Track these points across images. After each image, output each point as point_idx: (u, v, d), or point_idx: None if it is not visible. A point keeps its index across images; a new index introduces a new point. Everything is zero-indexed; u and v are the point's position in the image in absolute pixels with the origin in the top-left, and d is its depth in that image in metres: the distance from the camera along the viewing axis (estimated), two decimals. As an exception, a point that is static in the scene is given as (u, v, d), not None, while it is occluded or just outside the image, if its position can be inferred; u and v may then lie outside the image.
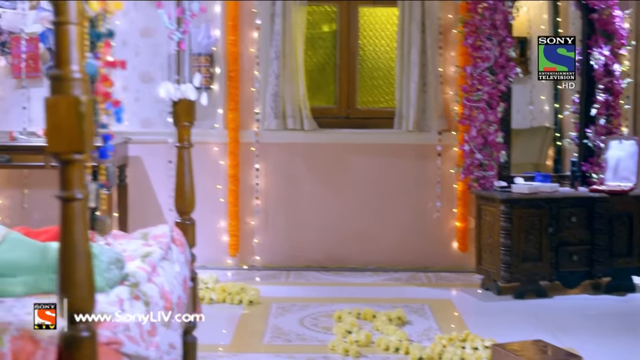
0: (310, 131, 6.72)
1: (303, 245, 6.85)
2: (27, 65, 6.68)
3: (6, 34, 6.71)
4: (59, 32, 2.10)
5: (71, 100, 2.06)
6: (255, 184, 6.77)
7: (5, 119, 6.78)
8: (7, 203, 6.90)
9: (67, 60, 2.09)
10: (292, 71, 6.63)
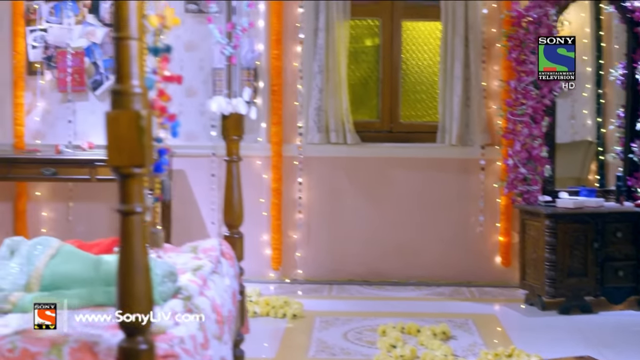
0: (353, 145, 6.73)
1: (345, 259, 6.85)
2: (73, 79, 6.75)
3: (52, 49, 6.78)
4: (120, 47, 2.13)
5: (132, 115, 2.09)
6: (297, 197, 6.78)
7: (51, 133, 6.85)
8: (53, 215, 6.96)
9: (127, 75, 2.12)
10: (335, 85, 6.65)
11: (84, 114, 6.84)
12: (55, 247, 3.10)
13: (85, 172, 6.19)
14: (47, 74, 6.84)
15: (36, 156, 6.31)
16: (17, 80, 6.82)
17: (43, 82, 6.84)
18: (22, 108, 6.84)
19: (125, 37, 2.11)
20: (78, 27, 6.78)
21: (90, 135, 6.79)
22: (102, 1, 6.74)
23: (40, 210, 6.96)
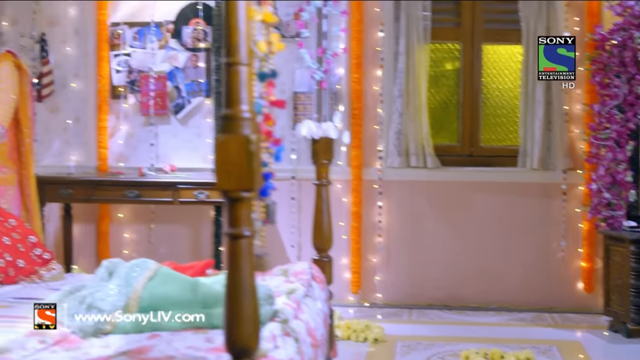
0: (433, 169, 6.70)
1: (425, 283, 6.81)
2: (155, 102, 6.84)
3: (136, 73, 6.89)
4: (230, 72, 2.16)
5: (241, 139, 2.11)
6: (377, 221, 6.77)
7: (133, 155, 6.95)
8: (135, 237, 7.04)
9: (237, 100, 2.14)
10: (415, 109, 6.64)
11: (166, 137, 6.92)
12: (153, 269, 3.13)
13: (168, 194, 6.25)
14: (130, 97, 6.94)
15: (120, 179, 6.40)
16: (102, 103, 6.94)
17: (126, 105, 6.95)
18: (105, 131, 6.95)
19: (235, 63, 2.14)
20: (161, 52, 6.88)
21: (172, 158, 6.87)
22: (185, 26, 6.83)
23: (122, 231, 7.05)
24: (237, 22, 2.14)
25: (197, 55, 6.83)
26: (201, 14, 6.79)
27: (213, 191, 6.17)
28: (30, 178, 4.48)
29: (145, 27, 6.87)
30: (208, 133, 6.87)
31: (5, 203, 4.16)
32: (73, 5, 7.00)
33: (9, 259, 3.68)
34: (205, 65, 6.84)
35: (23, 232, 3.89)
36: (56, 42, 6.98)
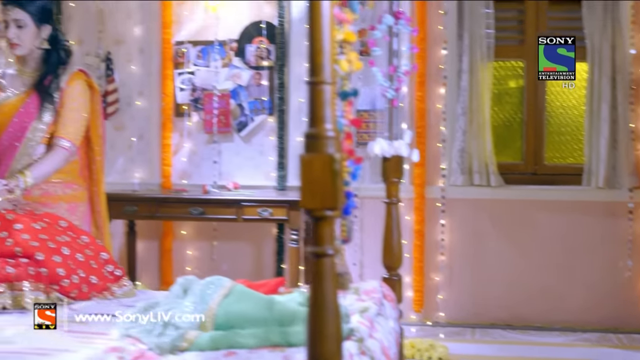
0: (497, 187, 6.67)
1: (488, 302, 6.76)
2: (219, 120, 6.89)
3: (200, 91, 6.95)
4: (314, 91, 2.16)
5: (325, 158, 2.11)
6: (440, 239, 6.75)
7: (197, 173, 7.01)
8: (197, 254, 7.09)
9: (321, 119, 2.14)
10: (478, 127, 6.62)
11: (229, 154, 6.97)
12: (228, 286, 3.14)
13: (231, 212, 6.28)
14: (194, 115, 7.01)
15: (184, 196, 6.44)
16: (165, 121, 7.01)
17: (190, 123, 7.01)
18: (169, 149, 7.01)
19: (319, 82, 2.14)
20: (224, 70, 6.94)
21: (235, 175, 6.91)
22: (248, 44, 6.87)
23: (185, 248, 7.10)
24: (321, 41, 2.14)
25: (260, 73, 6.88)
26: (264, 32, 6.84)
27: (276, 209, 6.20)
28: (101, 195, 4.51)
29: (209, 45, 6.93)
30: (271, 151, 6.91)
31: (77, 220, 4.20)
32: (138, 25, 7.09)
33: (82, 275, 3.72)
34: (268, 83, 6.88)
35: (95, 249, 3.93)
36: (121, 61, 7.08)
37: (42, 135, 4.20)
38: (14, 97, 4.26)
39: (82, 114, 4.28)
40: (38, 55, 4.29)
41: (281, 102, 6.84)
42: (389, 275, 3.97)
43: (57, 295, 3.62)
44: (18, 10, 4.17)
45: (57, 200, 4.27)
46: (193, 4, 7.00)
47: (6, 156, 4.21)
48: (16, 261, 3.60)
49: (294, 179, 6.87)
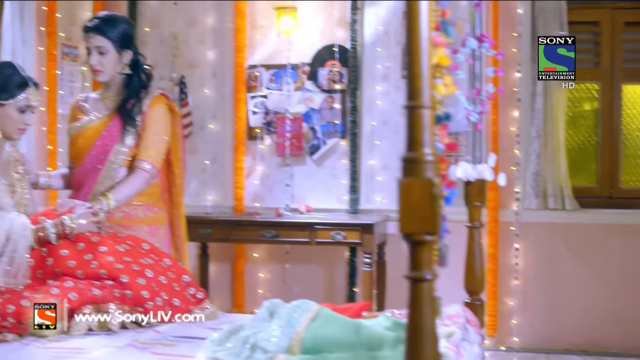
0: (572, 211, 6.59)
1: (562, 327, 6.67)
2: (291, 143, 6.92)
3: (272, 114, 6.99)
4: (413, 115, 2.15)
5: (424, 183, 2.10)
6: (514, 263, 6.68)
7: (269, 196, 7.04)
8: (269, 277, 7.11)
9: (420, 143, 2.14)
10: (553, 150, 6.56)
11: (301, 177, 6.99)
12: (315, 310, 3.14)
13: (305, 235, 6.29)
14: (266, 138, 7.04)
15: (257, 219, 6.46)
16: (238, 144, 7.06)
17: (263, 146, 7.05)
18: (242, 172, 7.06)
19: (418, 106, 2.13)
20: (297, 93, 6.98)
21: (307, 198, 6.93)
22: (321, 68, 6.90)
23: (257, 271, 7.13)
24: (420, 65, 2.14)
25: (332, 97, 6.90)
26: (337, 55, 6.86)
27: (349, 232, 6.20)
28: (181, 218, 4.55)
29: (282, 69, 6.97)
30: (343, 174, 6.91)
31: (157, 242, 4.23)
32: (212, 49, 7.17)
33: (165, 298, 3.74)
34: (340, 107, 6.89)
35: (177, 271, 3.95)
36: (195, 85, 7.15)
37: (125, 158, 4.25)
38: (97, 120, 4.31)
39: (164, 137, 4.32)
40: (120, 80, 4.34)
41: (353, 125, 6.85)
42: (471, 299, 3.94)
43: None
44: (100, 38, 4.23)
45: (138, 223, 4.31)
46: (266, 28, 7.05)
47: (89, 179, 4.27)
48: (101, 283, 3.63)
49: (366, 202, 6.87)
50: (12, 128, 3.94)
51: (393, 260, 6.77)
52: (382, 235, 6.57)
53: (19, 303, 3.43)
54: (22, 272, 3.69)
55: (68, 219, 3.81)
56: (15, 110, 3.91)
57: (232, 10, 7.12)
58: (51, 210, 3.98)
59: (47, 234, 3.75)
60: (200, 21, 7.21)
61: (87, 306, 3.53)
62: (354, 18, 6.84)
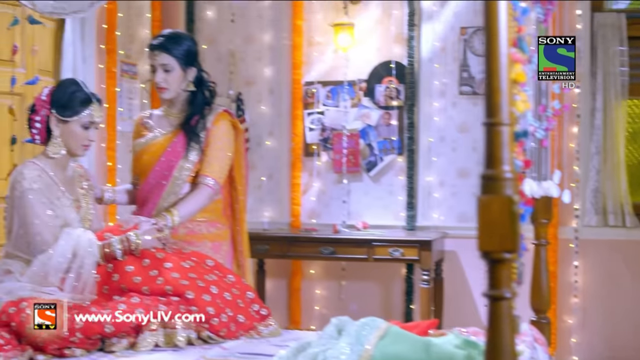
0: (632, 228, 6.50)
1: (623, 345, 6.58)
2: (348, 160, 6.92)
3: (329, 131, 6.99)
4: (492, 132, 2.14)
5: (504, 200, 2.09)
6: (573, 281, 6.60)
7: (325, 212, 7.04)
8: (325, 294, 7.10)
9: (499, 161, 2.13)
10: (613, 166, 6.49)
11: (358, 194, 6.99)
12: (383, 327, 3.13)
13: (362, 251, 6.27)
14: (323, 155, 7.05)
15: (315, 235, 6.46)
16: (295, 161, 7.07)
17: (319, 163, 7.06)
18: (298, 188, 7.07)
19: (497, 123, 2.12)
20: (353, 110, 6.98)
21: (364, 215, 6.92)
22: (377, 84, 6.90)
23: (313, 288, 7.12)
24: (499, 82, 2.12)
25: (389, 113, 6.89)
26: (394, 72, 6.85)
27: (407, 249, 6.17)
28: (243, 234, 4.57)
29: (339, 85, 6.98)
30: (400, 190, 6.90)
31: (220, 258, 4.25)
32: (269, 66, 7.20)
33: (230, 314, 3.75)
34: (397, 123, 6.88)
35: (241, 287, 3.96)
36: (252, 101, 7.19)
37: (188, 174, 4.28)
38: (161, 137, 4.35)
39: (227, 153, 4.35)
40: (184, 97, 4.37)
41: (411, 141, 6.83)
42: (537, 317, 3.91)
43: (207, 334, 3.66)
44: (165, 55, 4.27)
45: (201, 239, 4.33)
46: (323, 45, 7.07)
47: (153, 194, 4.31)
48: (167, 299, 3.65)
49: (423, 218, 6.84)
50: (77, 144, 3.98)
51: (450, 278, 6.75)
52: (439, 252, 6.53)
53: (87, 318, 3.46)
54: (89, 288, 3.73)
55: (134, 235, 3.84)
56: (79, 127, 3.95)
57: (289, 27, 7.15)
58: (117, 226, 4.02)
59: (113, 250, 3.78)
60: (257, 38, 7.25)
61: (154, 322, 3.55)
62: (411, 34, 6.83)
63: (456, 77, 6.78)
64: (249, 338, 3.80)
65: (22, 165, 3.90)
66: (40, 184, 3.84)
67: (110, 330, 3.46)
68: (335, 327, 3.25)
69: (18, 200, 3.82)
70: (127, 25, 6.83)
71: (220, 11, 7.31)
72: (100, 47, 6.46)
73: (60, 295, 3.62)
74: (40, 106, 3.90)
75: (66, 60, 6.03)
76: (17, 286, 3.69)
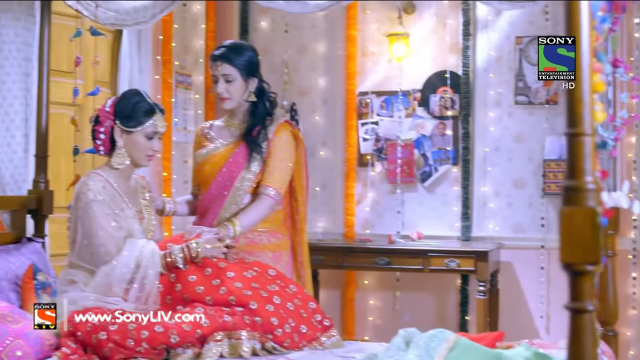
0: (693, 239, 6.43)
1: (683, 359, 6.50)
2: (402, 170, 6.89)
3: (383, 141, 6.97)
4: (573, 143, 2.12)
5: (587, 211, 2.06)
6: (631, 293, 6.52)
7: (379, 223, 7.02)
8: (379, 304, 7.07)
9: (581, 171, 2.10)
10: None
11: (412, 205, 6.96)
12: (452, 339, 3.10)
13: (418, 262, 6.23)
14: (377, 165, 7.03)
15: (370, 246, 6.44)
16: (349, 171, 7.06)
17: (373, 173, 7.04)
18: (352, 198, 7.06)
19: (579, 134, 2.10)
20: (408, 120, 6.95)
21: (418, 225, 6.89)
22: (432, 94, 6.87)
23: (367, 298, 7.10)
24: (582, 93, 2.11)
25: (444, 123, 6.85)
26: (449, 81, 6.82)
27: (463, 259, 6.13)
28: (304, 245, 4.56)
29: (393, 95, 6.96)
30: (454, 201, 6.86)
31: (281, 269, 4.24)
32: (322, 76, 7.20)
33: (293, 325, 3.75)
34: (452, 133, 6.84)
35: (303, 298, 3.96)
36: (305, 112, 7.19)
37: (250, 184, 4.29)
38: (222, 147, 4.36)
39: (288, 163, 4.35)
40: (245, 107, 4.39)
41: (466, 151, 6.79)
42: (604, 330, 3.86)
43: (272, 345, 3.66)
44: (227, 66, 4.28)
45: (262, 249, 4.33)
46: (377, 55, 7.06)
47: (215, 205, 4.32)
48: (231, 309, 3.65)
49: (478, 229, 6.80)
50: (141, 155, 4.00)
51: (506, 289, 6.69)
52: (495, 262, 6.48)
53: (152, 329, 3.47)
54: (153, 298, 3.74)
55: (194, 243, 3.85)
56: (143, 137, 3.98)
57: (343, 37, 7.14)
58: (179, 236, 4.04)
59: (175, 259, 3.80)
60: (311, 48, 7.26)
61: (219, 332, 3.55)
62: (465, 44, 6.79)
63: (512, 86, 6.73)
64: (312, 349, 3.79)
65: (87, 177, 3.93)
66: (105, 195, 3.87)
67: (175, 340, 3.47)
68: (403, 339, 3.23)
69: (83, 211, 3.85)
70: (182, 36, 6.87)
71: (274, 22, 7.33)
72: (157, 58, 6.50)
73: (124, 306, 3.65)
74: (104, 117, 3.93)
75: (123, 71, 6.08)
76: (82, 296, 3.73)
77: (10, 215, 4.53)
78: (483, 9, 6.77)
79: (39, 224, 4.66)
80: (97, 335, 3.45)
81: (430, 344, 3.09)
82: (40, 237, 4.61)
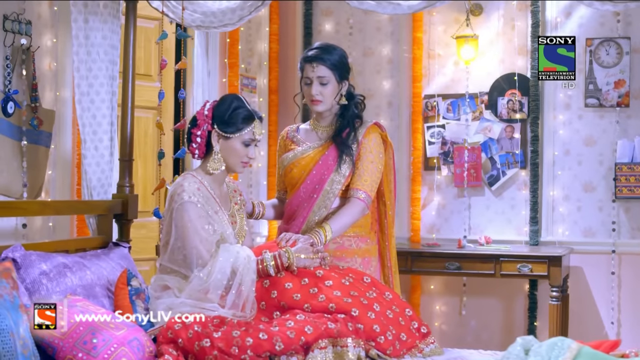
0: None
1: None
2: (469, 174, 6.82)
3: (449, 144, 6.90)
4: None
5: None
6: None
7: (445, 227, 6.95)
8: (445, 310, 7.01)
9: None
10: None
11: (479, 208, 6.89)
12: (575, 348, 3.02)
13: (489, 267, 6.17)
14: (443, 169, 6.96)
15: (440, 250, 6.37)
16: (415, 175, 7.00)
17: (439, 177, 6.97)
18: (418, 202, 7.00)
19: None
20: (475, 123, 6.88)
21: (486, 229, 6.81)
22: (500, 97, 6.79)
23: (433, 303, 7.04)
24: None
25: (512, 127, 6.77)
26: (517, 84, 6.73)
27: (535, 264, 6.05)
28: (392, 250, 4.48)
29: (460, 98, 6.90)
30: (522, 205, 6.78)
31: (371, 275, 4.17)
32: (388, 79, 7.15)
33: (393, 332, 3.67)
34: (520, 136, 6.76)
35: (400, 305, 3.88)
36: (370, 115, 7.01)
37: (340, 187, 4.22)
38: (311, 150, 4.30)
39: (378, 166, 4.28)
40: (335, 110, 4.32)
41: (534, 155, 6.70)
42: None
43: (376, 352, 3.59)
44: (323, 68, 4.22)
45: (351, 254, 4.27)
46: (443, 57, 6.99)
47: (304, 208, 4.25)
48: (333, 316, 3.58)
49: (547, 233, 6.71)
50: (236, 161, 3.93)
51: (575, 294, 6.61)
52: (566, 267, 6.39)
53: (257, 336, 3.40)
54: (249, 305, 3.67)
55: (286, 252, 3.78)
56: (240, 144, 3.91)
57: (408, 39, 7.08)
58: (274, 242, 3.97)
59: (267, 266, 3.73)
60: (376, 51, 7.21)
61: (323, 340, 3.48)
62: (534, 46, 6.71)
63: (582, 89, 6.64)
64: (412, 357, 3.71)
65: (182, 178, 3.87)
66: (200, 197, 3.80)
67: (280, 348, 3.40)
68: (521, 347, 3.15)
69: (177, 212, 3.77)
70: (247, 39, 6.84)
71: (338, 24, 7.28)
72: (224, 61, 6.47)
73: (222, 312, 3.58)
74: (202, 121, 3.86)
75: (196, 74, 6.04)
76: (177, 302, 3.66)
77: (96, 220, 4.48)
78: (552, 10, 6.69)
79: (123, 228, 4.61)
80: (200, 342, 3.39)
81: (552, 352, 3.01)
82: (126, 242, 4.56)
